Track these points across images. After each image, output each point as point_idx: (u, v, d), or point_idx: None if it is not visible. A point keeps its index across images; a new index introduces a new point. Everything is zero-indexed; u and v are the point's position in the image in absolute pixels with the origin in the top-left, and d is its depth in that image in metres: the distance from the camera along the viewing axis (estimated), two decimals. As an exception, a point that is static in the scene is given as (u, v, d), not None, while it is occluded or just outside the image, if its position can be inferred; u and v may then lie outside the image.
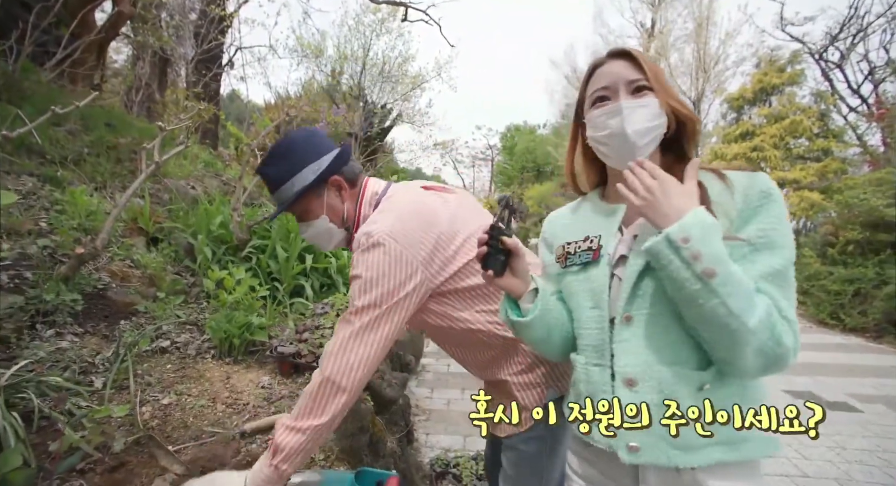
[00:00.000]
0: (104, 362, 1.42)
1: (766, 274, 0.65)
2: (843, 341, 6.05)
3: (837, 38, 9.92)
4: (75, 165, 2.38)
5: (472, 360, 1.11)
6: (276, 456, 0.89)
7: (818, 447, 2.88)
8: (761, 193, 0.68)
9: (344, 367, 0.91)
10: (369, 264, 0.93)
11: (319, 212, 1.06)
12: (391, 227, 0.96)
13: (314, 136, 1.10)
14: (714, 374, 0.66)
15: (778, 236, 0.66)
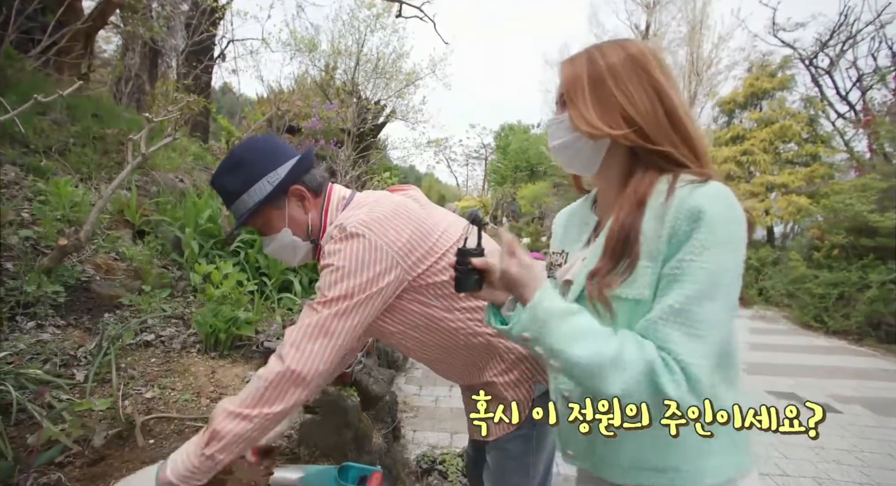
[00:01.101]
0: (86, 355, 1.40)
1: (662, 314, 0.61)
2: (826, 343, 6.17)
3: (827, 44, 10.08)
4: (60, 156, 2.34)
5: (455, 365, 1.09)
6: (213, 444, 0.82)
7: (798, 446, 2.94)
8: (689, 214, 0.61)
9: (306, 357, 0.86)
10: (345, 254, 0.89)
11: (280, 225, 1.00)
12: (366, 218, 0.93)
13: (271, 143, 1.03)
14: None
15: (690, 269, 0.60)
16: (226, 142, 5.79)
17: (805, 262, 7.92)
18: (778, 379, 4.35)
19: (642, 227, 0.65)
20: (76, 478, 1.00)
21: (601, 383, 0.61)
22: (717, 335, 0.60)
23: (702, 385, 0.59)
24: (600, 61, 0.72)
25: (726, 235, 0.61)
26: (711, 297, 0.60)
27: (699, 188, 0.63)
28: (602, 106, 0.71)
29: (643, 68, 0.71)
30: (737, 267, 0.61)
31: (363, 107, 7.26)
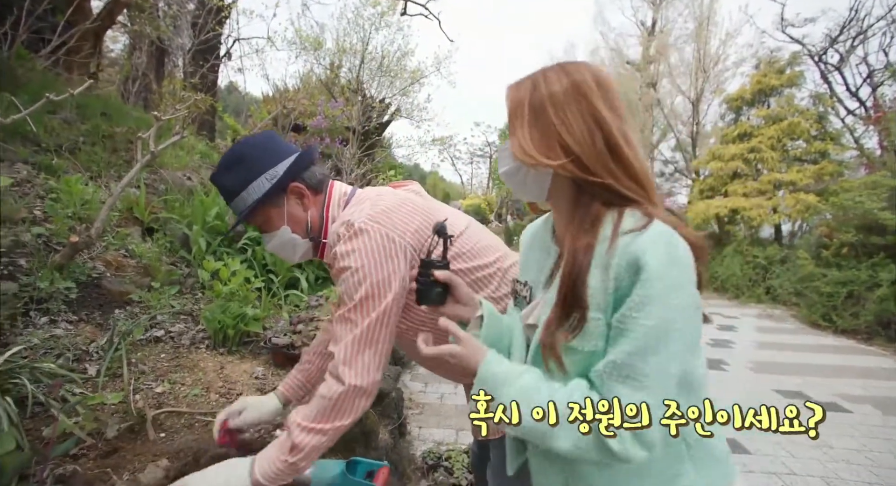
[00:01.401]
0: (98, 350, 1.42)
1: (607, 367, 0.62)
2: (834, 342, 6.11)
3: (837, 40, 9.94)
4: (70, 154, 2.37)
5: (458, 366, 1.09)
6: (294, 454, 0.87)
7: (805, 445, 2.92)
8: (629, 267, 0.60)
9: (362, 370, 0.89)
10: (359, 253, 0.88)
11: (280, 223, 1.00)
12: (372, 212, 0.92)
13: (270, 140, 1.02)
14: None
15: (632, 325, 0.59)
16: (231, 140, 5.82)
17: (813, 260, 7.84)
18: (785, 378, 4.32)
19: (589, 279, 0.64)
20: (90, 469, 1.02)
21: (552, 442, 0.63)
22: (664, 386, 0.60)
23: (644, 437, 0.60)
24: (542, 88, 0.71)
25: (667, 285, 0.59)
26: (655, 351, 0.59)
27: (639, 237, 0.61)
28: (541, 134, 0.70)
29: (584, 96, 0.69)
30: (683, 312, 0.60)
31: (368, 105, 7.27)
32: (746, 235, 10.65)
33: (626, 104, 0.73)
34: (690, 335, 0.62)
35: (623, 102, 0.72)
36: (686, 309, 0.60)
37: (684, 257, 0.61)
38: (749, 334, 6.27)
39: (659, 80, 15.36)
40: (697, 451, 0.67)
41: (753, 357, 5.04)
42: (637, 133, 1.26)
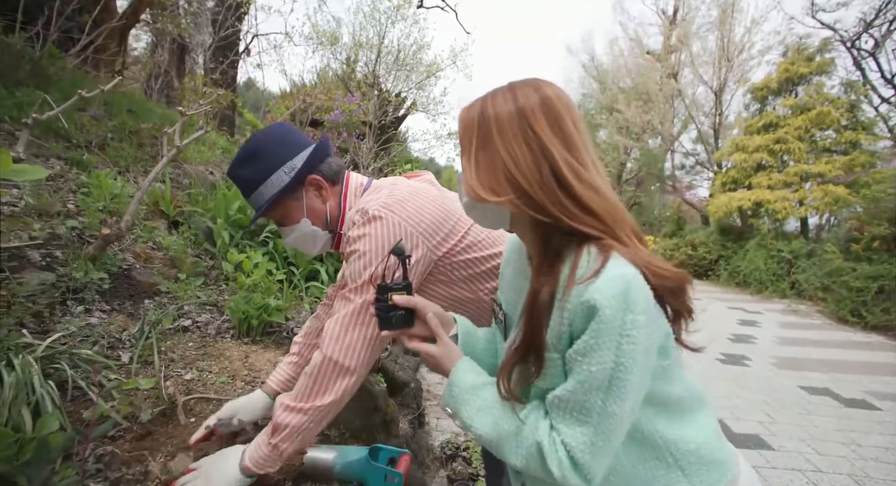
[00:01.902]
0: (130, 338, 1.47)
1: (554, 398, 0.63)
2: (863, 338, 5.92)
3: (872, 24, 9.47)
4: (100, 150, 2.45)
5: None
6: (276, 435, 0.88)
7: (833, 442, 2.85)
8: (582, 312, 0.59)
9: (346, 347, 0.88)
10: (369, 237, 0.88)
11: (299, 216, 1.00)
12: (387, 200, 0.92)
13: (286, 133, 1.02)
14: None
15: (579, 367, 0.60)
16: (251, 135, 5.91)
17: (842, 254, 7.58)
18: (812, 374, 4.21)
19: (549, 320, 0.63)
20: (127, 451, 1.07)
21: (505, 454, 0.66)
22: (606, 424, 0.60)
23: (583, 468, 0.60)
24: (490, 111, 0.66)
25: (619, 333, 0.57)
26: (597, 392, 0.59)
27: (592, 283, 0.58)
28: (487, 166, 0.66)
29: (528, 123, 0.64)
30: (633, 358, 0.58)
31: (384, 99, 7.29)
32: (771, 228, 10.34)
33: (579, 119, 0.66)
34: (640, 378, 0.61)
35: (580, 126, 0.66)
36: (636, 354, 0.59)
37: (640, 302, 0.58)
38: (772, 329, 6.11)
39: (680, 69, 14.95)
40: (685, 459, 0.68)
41: (777, 353, 4.92)
42: (598, 161, 1.10)
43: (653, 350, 0.63)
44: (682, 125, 15.82)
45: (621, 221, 0.64)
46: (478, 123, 0.67)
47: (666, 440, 0.68)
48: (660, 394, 0.68)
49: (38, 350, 1.13)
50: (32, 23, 2.60)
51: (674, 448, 0.68)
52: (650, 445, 0.68)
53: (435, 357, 0.73)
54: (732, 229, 11.49)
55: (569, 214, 0.63)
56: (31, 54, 2.52)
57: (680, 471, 0.68)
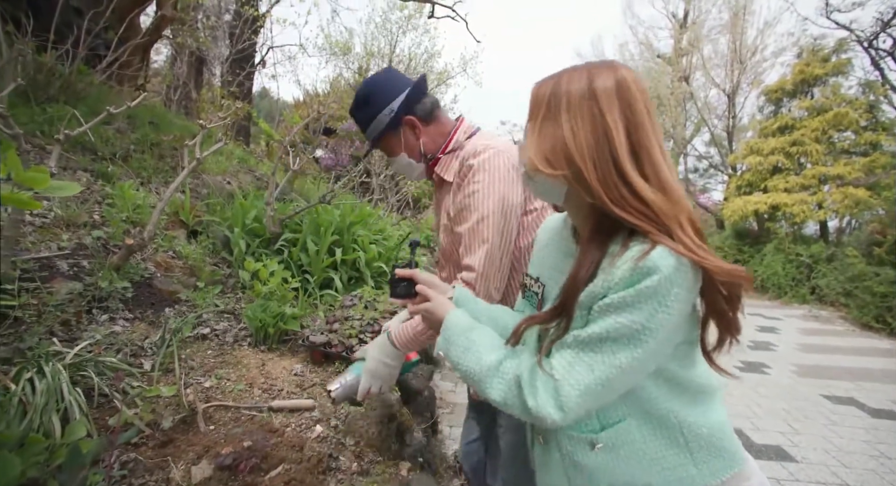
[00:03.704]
0: (152, 346, 1.51)
1: (569, 338, 0.66)
2: (889, 345, 5.73)
3: (890, 23, 9.27)
4: (123, 162, 2.53)
5: None
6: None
7: (860, 455, 2.76)
8: (633, 274, 0.60)
9: (485, 254, 1.01)
10: (495, 170, 1.02)
11: (398, 149, 1.17)
12: (500, 145, 1.08)
13: (389, 77, 1.18)
14: (609, 435, 0.70)
15: (606, 317, 0.62)
16: (266, 144, 6.04)
17: (864, 258, 7.37)
18: (836, 383, 4.09)
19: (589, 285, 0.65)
20: (150, 458, 1.10)
21: (486, 389, 0.69)
22: (607, 373, 0.61)
23: (564, 402, 0.62)
24: (563, 88, 0.67)
25: (658, 301, 0.59)
26: (616, 342, 0.61)
27: (647, 256, 0.60)
28: (549, 140, 0.67)
29: (597, 104, 0.64)
30: (660, 329, 0.60)
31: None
32: (789, 231, 10.11)
33: (652, 106, 0.67)
34: (656, 349, 0.62)
35: (652, 113, 0.67)
36: (665, 325, 0.60)
37: (687, 281, 0.60)
38: (792, 335, 5.96)
39: (692, 73, 14.81)
40: (695, 442, 0.69)
41: (798, 360, 4.79)
42: (666, 151, 1.10)
43: (679, 331, 0.64)
44: (694, 128, 15.63)
45: (674, 215, 0.63)
46: (549, 97, 0.68)
47: (680, 420, 0.69)
48: (681, 377, 0.69)
49: (66, 358, 1.17)
50: (63, 41, 2.71)
51: (686, 430, 0.69)
52: (664, 423, 0.69)
53: (429, 310, 0.81)
54: (749, 233, 11.26)
55: (619, 200, 0.63)
56: (62, 71, 2.62)
57: (689, 453, 0.69)
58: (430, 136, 1.16)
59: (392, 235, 3.36)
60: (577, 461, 0.72)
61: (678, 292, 0.59)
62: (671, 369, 0.68)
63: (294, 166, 2.79)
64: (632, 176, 0.63)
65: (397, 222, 5.16)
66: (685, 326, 0.65)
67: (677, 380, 0.69)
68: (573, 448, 0.72)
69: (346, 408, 1.56)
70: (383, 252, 2.96)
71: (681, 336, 0.66)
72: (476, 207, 1.02)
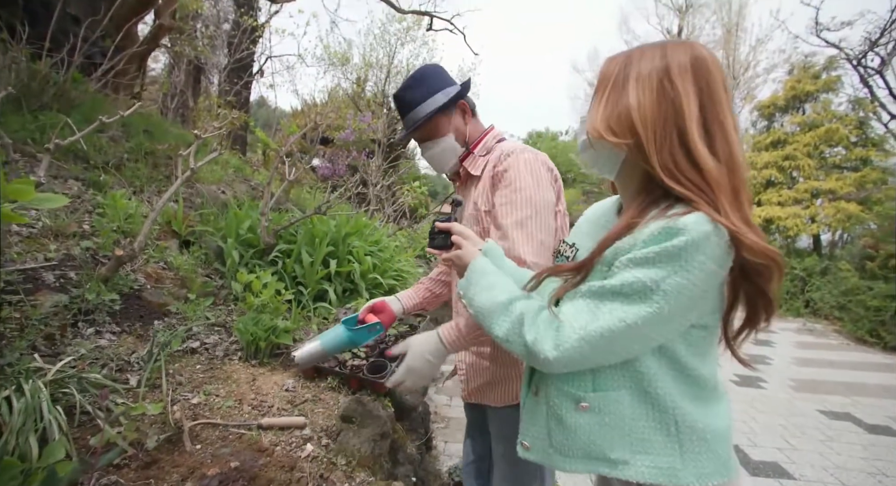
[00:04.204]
0: (139, 360, 1.47)
1: (582, 288, 0.68)
2: (883, 360, 5.74)
3: (878, 43, 9.49)
4: (116, 170, 2.50)
5: None
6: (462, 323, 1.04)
7: (858, 472, 2.74)
8: (660, 232, 0.61)
9: (536, 247, 1.03)
10: (531, 171, 1.06)
11: (447, 131, 1.20)
12: (532, 150, 1.12)
13: (441, 69, 1.25)
14: (597, 398, 0.70)
15: (627, 272, 0.62)
16: (262, 153, 6.02)
17: (857, 272, 7.43)
18: (831, 398, 4.07)
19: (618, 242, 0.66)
20: (132, 480, 1.05)
21: (492, 325, 0.73)
22: (608, 326, 0.61)
23: (560, 340, 0.64)
24: (634, 60, 0.70)
25: (681, 260, 0.58)
26: (626, 297, 0.61)
27: (680, 218, 0.60)
28: (614, 110, 0.69)
29: (669, 76, 0.66)
30: (678, 294, 0.59)
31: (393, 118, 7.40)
32: (782, 245, 10.20)
33: (729, 86, 0.69)
34: (666, 316, 0.61)
35: (728, 90, 0.68)
36: (681, 291, 0.59)
37: (716, 254, 0.59)
38: (788, 349, 5.96)
39: (686, 87, 15.02)
40: (687, 436, 0.67)
41: (794, 375, 4.78)
42: (737, 125, 1.14)
43: (695, 307, 0.62)
44: (689, 142, 15.82)
45: (732, 187, 0.62)
46: (619, 69, 0.70)
47: (676, 407, 0.67)
48: (688, 365, 0.67)
49: (48, 375, 1.13)
50: (59, 49, 2.70)
51: (681, 419, 0.67)
52: (659, 406, 0.67)
53: (459, 256, 0.86)
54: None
55: (673, 170, 0.63)
56: (56, 79, 2.60)
57: (678, 445, 0.67)
58: (472, 128, 1.23)
59: (388, 246, 3.34)
60: (560, 416, 0.72)
61: (703, 261, 0.58)
62: (679, 352, 0.66)
63: (290, 176, 2.78)
64: (698, 148, 0.63)
65: (393, 233, 5.14)
66: (702, 304, 0.63)
67: (683, 367, 0.67)
68: (559, 402, 0.73)
69: (338, 425, 1.52)
70: (378, 264, 2.93)
71: (695, 315, 0.64)
72: (524, 204, 1.05)
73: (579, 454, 0.71)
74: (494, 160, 1.12)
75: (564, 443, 0.73)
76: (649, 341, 0.64)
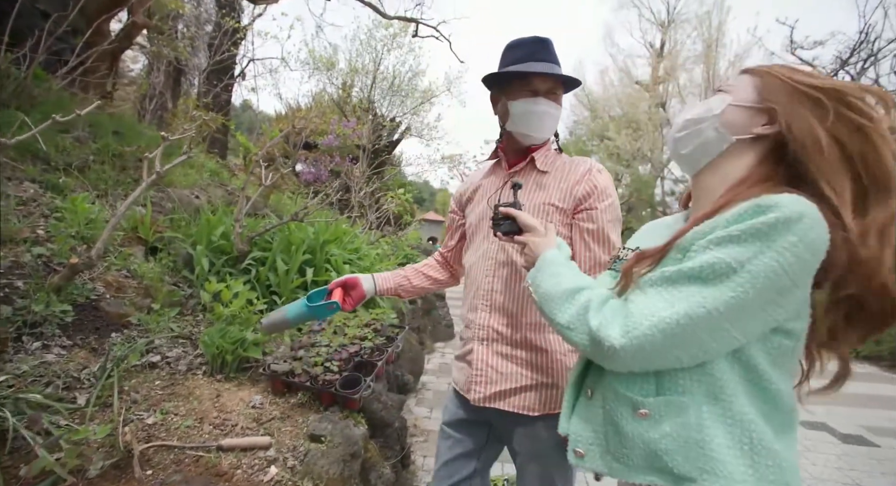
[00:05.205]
0: (90, 377, 1.37)
1: (654, 276, 0.62)
2: (858, 369, 5.83)
3: (847, 62, 9.89)
4: (80, 173, 2.38)
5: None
6: None
7: (833, 483, 2.75)
8: (748, 209, 0.57)
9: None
10: (611, 187, 1.10)
11: (561, 106, 1.15)
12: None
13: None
14: (658, 404, 0.62)
15: (702, 254, 0.57)
16: (243, 158, 5.89)
17: (831, 283, 7.61)
18: (808, 408, 4.12)
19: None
20: (68, 513, 0.96)
21: (554, 311, 0.70)
22: (685, 313, 0.55)
23: (630, 328, 0.58)
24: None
25: (769, 239, 0.52)
26: (706, 281, 0.55)
27: (774, 195, 0.55)
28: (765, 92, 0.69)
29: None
30: (761, 272, 0.53)
31: (379, 124, 7.34)
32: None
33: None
34: (751, 305, 0.54)
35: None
36: (767, 275, 0.52)
37: (811, 238, 0.53)
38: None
39: (668, 99, 15.40)
40: (763, 460, 0.58)
41: (772, 385, 4.83)
42: None
43: (783, 303, 0.55)
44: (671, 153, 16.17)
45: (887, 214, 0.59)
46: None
47: (752, 421, 0.59)
48: (767, 378, 0.59)
49: (-23, 397, 1.02)
50: (21, 44, 2.57)
51: (756, 438, 0.59)
52: (731, 418, 0.59)
53: (536, 243, 0.84)
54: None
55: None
56: (16, 75, 2.47)
57: (751, 469, 0.58)
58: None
59: (368, 254, 3.26)
60: (616, 421, 0.65)
61: (795, 243, 0.52)
62: (757, 359, 0.59)
63: (266, 181, 2.69)
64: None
65: (377, 240, 5.06)
66: (790, 299, 0.55)
67: (760, 377, 0.59)
68: (616, 407, 0.66)
69: (307, 445, 1.44)
70: (357, 272, 2.85)
71: (782, 314, 0.56)
72: (619, 222, 1.08)
73: (641, 464, 0.64)
74: (585, 167, 1.09)
75: (622, 452, 0.65)
76: (728, 339, 0.56)
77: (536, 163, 1.12)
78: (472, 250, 1.20)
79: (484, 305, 1.12)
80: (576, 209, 1.06)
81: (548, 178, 1.11)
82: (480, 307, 1.13)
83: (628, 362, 0.60)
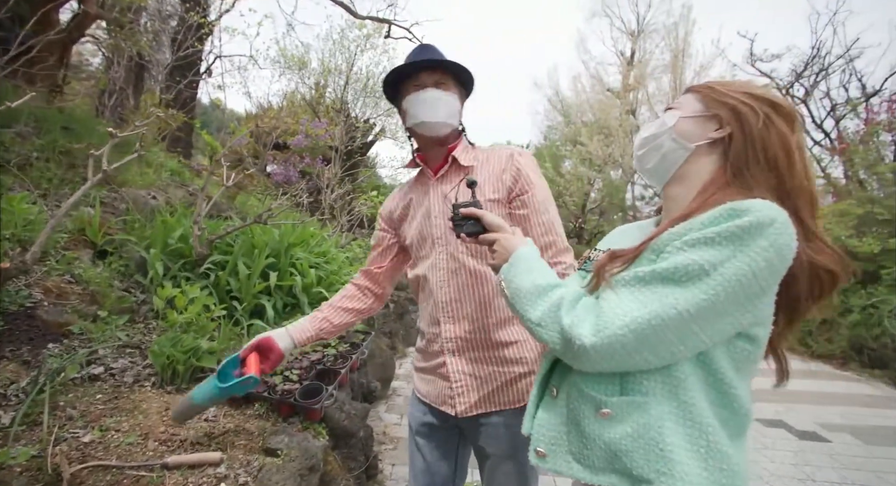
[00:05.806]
0: (19, 392, 1.26)
1: (627, 276, 0.63)
2: (812, 367, 6.16)
3: (801, 75, 10.46)
4: (19, 170, 2.21)
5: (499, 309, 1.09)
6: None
7: (789, 479, 2.85)
8: (722, 214, 0.59)
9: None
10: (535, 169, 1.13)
11: (458, 97, 1.16)
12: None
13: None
14: (621, 404, 0.63)
15: (677, 255, 0.59)
16: (210, 157, 5.67)
17: (788, 285, 7.98)
18: (765, 406, 4.28)
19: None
20: (-20, 547, 0.86)
21: (526, 307, 0.69)
22: (658, 313, 0.56)
23: (601, 327, 0.58)
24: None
25: (742, 243, 0.54)
26: (678, 283, 0.56)
27: (747, 200, 0.58)
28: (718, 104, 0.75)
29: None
30: (732, 276, 0.54)
31: (352, 125, 7.24)
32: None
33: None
34: (721, 308, 0.55)
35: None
36: (738, 278, 0.54)
37: (780, 243, 0.55)
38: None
39: (638, 107, 15.89)
40: (716, 463, 0.60)
41: (734, 384, 5.00)
42: None
43: (750, 306, 0.57)
44: (640, 159, 16.64)
45: (808, 192, 0.65)
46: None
47: (709, 424, 0.60)
48: (727, 381, 0.61)
49: None
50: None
51: (713, 440, 0.60)
52: (690, 419, 0.60)
53: (507, 239, 0.81)
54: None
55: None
56: (-52, 65, 2.28)
57: (706, 472, 0.59)
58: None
59: (336, 257, 3.18)
60: (578, 421, 0.65)
61: (766, 248, 0.54)
62: (719, 361, 0.60)
63: (228, 181, 2.58)
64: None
65: (348, 242, 4.96)
66: (759, 304, 0.57)
67: (720, 380, 0.61)
68: (579, 406, 0.67)
69: (261, 460, 1.37)
70: (324, 277, 2.77)
71: (749, 318, 0.58)
72: (550, 202, 1.09)
73: (601, 465, 0.64)
74: (506, 153, 1.11)
75: (584, 452, 0.66)
76: (696, 341, 0.57)
77: (460, 161, 1.12)
78: (420, 265, 1.17)
79: (446, 317, 1.10)
80: (509, 198, 1.08)
81: (474, 173, 1.11)
82: (443, 320, 1.10)
83: (597, 362, 0.60)
